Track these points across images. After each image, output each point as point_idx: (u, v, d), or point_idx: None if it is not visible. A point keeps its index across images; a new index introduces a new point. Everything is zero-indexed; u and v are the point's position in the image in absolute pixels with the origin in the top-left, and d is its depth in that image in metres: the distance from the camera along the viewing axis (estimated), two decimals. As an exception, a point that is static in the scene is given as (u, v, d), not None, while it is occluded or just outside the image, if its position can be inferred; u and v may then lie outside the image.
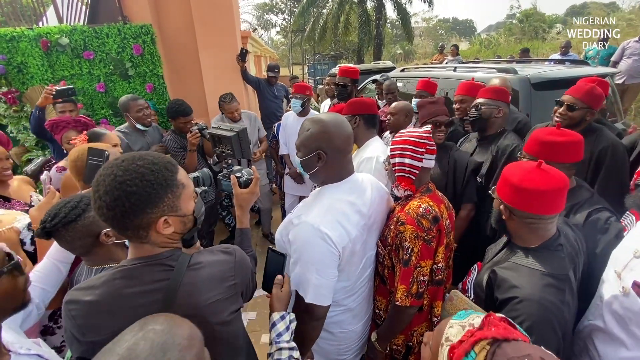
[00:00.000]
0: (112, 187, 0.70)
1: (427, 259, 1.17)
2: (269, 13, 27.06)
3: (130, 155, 0.76)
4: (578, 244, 1.13)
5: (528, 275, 0.99)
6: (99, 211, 0.72)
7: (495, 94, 2.02)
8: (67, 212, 1.03)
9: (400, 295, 1.15)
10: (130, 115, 2.59)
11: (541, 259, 1.02)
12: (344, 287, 1.20)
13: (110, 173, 0.72)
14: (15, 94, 3.14)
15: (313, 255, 1.06)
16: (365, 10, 15.26)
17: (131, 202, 0.71)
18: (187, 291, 0.79)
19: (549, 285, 0.95)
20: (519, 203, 1.03)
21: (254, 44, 6.78)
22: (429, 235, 1.16)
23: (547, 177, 1.00)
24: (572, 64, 3.50)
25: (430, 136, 1.26)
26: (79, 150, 1.44)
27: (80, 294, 0.76)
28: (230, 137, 1.30)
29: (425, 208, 1.18)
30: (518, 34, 18.56)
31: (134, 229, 0.75)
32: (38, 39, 3.05)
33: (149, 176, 0.73)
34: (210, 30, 3.51)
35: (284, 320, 0.99)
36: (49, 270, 1.13)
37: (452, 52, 8.24)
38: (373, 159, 1.85)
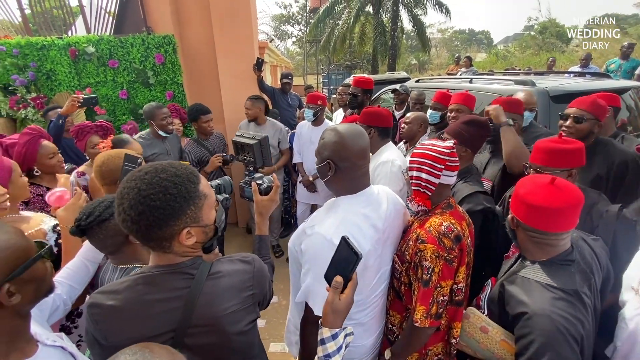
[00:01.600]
0: (137, 201, 0.71)
1: (448, 279, 1.14)
2: (285, 24, 27.62)
3: (153, 167, 0.76)
4: (596, 261, 1.09)
5: (536, 290, 0.97)
6: (124, 224, 0.74)
7: (507, 106, 1.93)
8: (101, 211, 1.08)
9: (420, 317, 1.12)
10: (154, 122, 2.69)
11: (550, 273, 0.99)
12: (355, 302, 1.16)
13: (134, 186, 0.73)
14: (44, 100, 3.29)
15: (324, 267, 1.05)
16: (380, 22, 15.38)
17: (155, 216, 0.72)
18: (206, 300, 0.79)
19: (558, 299, 0.92)
20: (524, 217, 1.02)
21: (270, 54, 6.93)
22: (450, 255, 1.12)
23: (557, 194, 0.97)
24: (593, 76, 3.43)
25: (453, 152, 1.21)
26: (104, 156, 1.49)
27: (103, 298, 0.77)
28: (252, 144, 1.33)
29: (447, 226, 1.14)
30: (535, 47, 18.34)
31: (157, 240, 0.76)
32: (67, 47, 3.21)
33: (172, 190, 0.74)
34: (229, 41, 3.61)
35: (336, 340, 0.80)
36: (78, 268, 1.16)
37: (465, 63, 8.20)
38: (388, 162, 1.87)
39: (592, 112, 1.68)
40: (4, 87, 3.25)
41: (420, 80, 4.34)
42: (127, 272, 1.06)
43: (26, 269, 0.73)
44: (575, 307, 0.92)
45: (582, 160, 1.35)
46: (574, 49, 16.28)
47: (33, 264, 0.74)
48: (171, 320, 0.77)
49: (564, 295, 0.93)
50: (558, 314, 0.90)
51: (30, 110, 3.28)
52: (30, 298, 0.76)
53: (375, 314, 1.26)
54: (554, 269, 0.99)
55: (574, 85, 2.65)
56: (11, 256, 0.70)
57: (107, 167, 1.45)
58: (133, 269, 1.05)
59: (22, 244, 0.74)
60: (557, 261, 1.01)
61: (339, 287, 0.81)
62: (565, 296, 0.93)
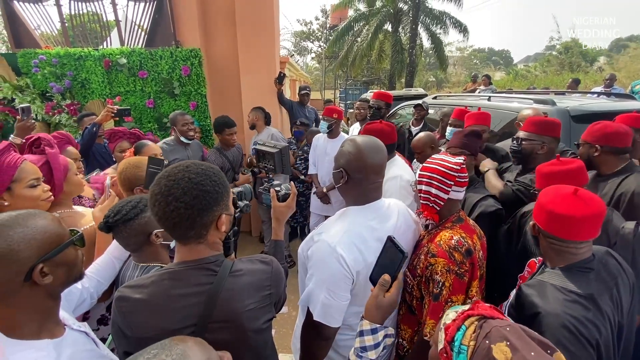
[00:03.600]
0: (190, 187, 0.79)
1: (459, 293, 1.13)
2: (305, 40, 28.38)
3: (188, 162, 0.85)
4: (623, 275, 1.05)
5: (550, 292, 0.98)
6: (175, 212, 0.78)
7: (539, 128, 1.83)
8: (128, 210, 1.14)
9: (430, 330, 1.12)
10: (176, 128, 2.82)
11: (566, 277, 1.00)
12: (357, 313, 1.16)
13: (183, 176, 0.80)
14: (77, 106, 3.50)
15: (326, 274, 1.06)
16: (399, 39, 15.61)
17: (207, 199, 0.80)
18: (227, 296, 0.83)
19: (572, 302, 0.93)
20: (546, 225, 1.03)
21: (290, 69, 7.13)
22: (461, 269, 1.12)
23: (579, 203, 0.98)
24: (617, 97, 3.37)
25: (463, 167, 1.22)
26: (124, 164, 1.57)
27: (130, 292, 0.82)
28: (273, 153, 1.39)
29: (457, 240, 1.15)
30: (557, 66, 18.09)
31: (200, 227, 0.82)
32: (102, 58, 3.42)
33: (214, 177, 0.84)
34: (252, 56, 3.76)
35: (375, 335, 0.82)
36: (106, 264, 1.23)
37: (483, 82, 8.18)
38: (397, 178, 1.91)
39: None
40: (42, 93, 3.48)
41: (438, 97, 4.36)
42: (146, 271, 1.11)
43: (59, 252, 0.78)
44: (589, 310, 0.91)
45: (584, 179, 1.36)
46: (598, 69, 15.96)
47: (65, 249, 0.80)
48: (193, 315, 0.80)
49: (578, 298, 0.93)
50: (570, 314, 0.90)
51: (64, 116, 3.49)
52: (62, 281, 0.81)
53: None
54: (571, 274, 1.00)
55: (595, 105, 2.61)
56: (47, 239, 0.76)
57: (125, 176, 1.53)
58: (152, 268, 1.10)
59: (57, 230, 0.79)
60: (575, 267, 1.01)
61: (385, 285, 0.84)
62: (579, 299, 0.93)
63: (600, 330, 0.91)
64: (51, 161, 1.42)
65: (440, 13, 15.30)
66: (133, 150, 2.11)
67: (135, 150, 2.09)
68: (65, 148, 1.92)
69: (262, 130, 3.54)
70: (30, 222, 0.75)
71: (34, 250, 0.73)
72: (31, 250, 0.73)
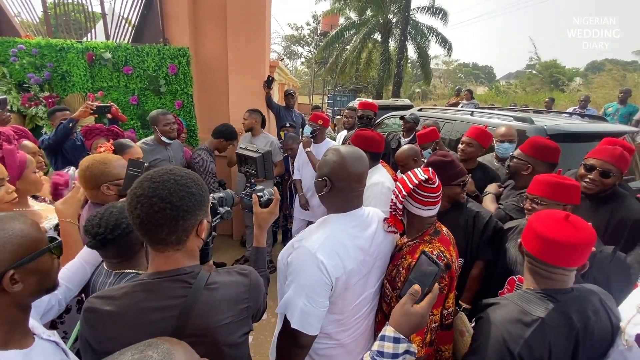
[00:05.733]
0: (176, 189, 0.78)
1: (439, 306, 1.18)
2: (296, 45, 28.46)
3: (171, 166, 0.84)
4: (601, 323, 0.99)
5: (504, 306, 1.01)
6: (160, 213, 0.75)
7: (531, 149, 1.87)
8: (128, 223, 1.07)
9: (417, 347, 1.13)
10: (157, 128, 2.75)
11: (527, 298, 1.00)
12: (336, 320, 1.17)
13: (168, 179, 0.78)
14: (56, 99, 3.37)
15: (306, 280, 1.06)
16: (387, 49, 15.89)
17: (192, 202, 0.79)
18: (202, 310, 0.80)
19: (514, 320, 0.95)
20: (531, 246, 1.02)
21: (280, 73, 7.12)
22: (441, 284, 1.16)
23: (568, 229, 0.96)
24: (591, 119, 3.55)
25: (427, 187, 1.21)
26: (89, 161, 1.48)
27: (100, 303, 0.78)
28: (255, 157, 1.37)
29: (437, 255, 1.18)
30: (537, 84, 18.86)
31: (182, 231, 0.80)
32: (85, 51, 3.31)
33: (198, 181, 0.84)
34: (242, 57, 3.74)
35: (397, 345, 0.77)
36: (76, 270, 1.17)
37: (465, 96, 8.43)
38: (379, 184, 1.94)
39: (620, 168, 1.66)
40: (19, 84, 3.33)
41: (423, 109, 4.46)
42: (121, 278, 1.06)
43: (32, 259, 0.74)
44: (526, 329, 0.92)
45: (577, 198, 1.40)
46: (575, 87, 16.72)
47: (40, 256, 0.76)
48: (166, 329, 0.77)
49: (523, 318, 0.94)
50: (505, 328, 0.93)
51: (42, 108, 3.35)
52: (32, 290, 0.77)
53: (358, 335, 1.25)
54: (534, 297, 0.99)
55: (571, 125, 2.74)
56: (23, 245, 0.72)
57: (91, 172, 1.44)
58: (128, 275, 1.06)
59: (35, 235, 0.76)
60: (545, 293, 1.00)
61: (415, 294, 0.81)
62: (524, 318, 0.94)
63: (533, 353, 0.91)
64: (6, 157, 1.35)
65: (427, 28, 15.71)
66: (112, 148, 2.03)
67: (117, 149, 2.00)
68: (21, 142, 1.83)
69: (259, 134, 3.45)
70: (7, 225, 0.72)
71: (7, 255, 0.70)
72: (4, 254, 0.69)
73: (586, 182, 1.70)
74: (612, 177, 1.65)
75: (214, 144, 3.15)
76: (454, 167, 1.71)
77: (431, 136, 2.73)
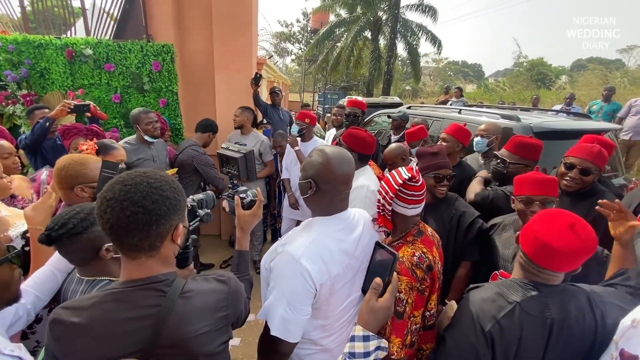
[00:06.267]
0: (149, 191, 0.74)
1: (420, 308, 1.16)
2: (286, 42, 28.26)
3: (144, 169, 0.80)
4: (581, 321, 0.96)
5: (485, 288, 1.06)
6: (131, 218, 0.71)
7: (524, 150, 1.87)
8: (75, 223, 1.02)
9: (397, 349, 1.12)
10: (139, 127, 2.68)
11: (509, 285, 1.02)
12: (321, 326, 1.15)
13: (141, 181, 0.75)
14: (34, 97, 3.25)
15: (287, 287, 1.02)
16: (377, 47, 15.89)
17: (166, 205, 0.76)
18: (177, 320, 0.77)
19: (490, 300, 0.99)
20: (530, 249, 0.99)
21: (268, 71, 7.05)
22: (422, 285, 1.15)
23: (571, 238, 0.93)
24: (575, 116, 3.59)
25: (411, 185, 1.20)
26: (66, 160, 1.42)
27: (66, 314, 0.74)
28: (237, 158, 1.32)
29: (419, 257, 1.17)
30: (523, 82, 19.14)
31: (155, 237, 0.76)
32: (64, 48, 3.20)
33: (173, 184, 0.80)
34: (228, 54, 3.67)
35: (366, 343, 0.77)
36: (46, 278, 1.11)
37: (455, 94, 8.48)
38: (364, 187, 1.90)
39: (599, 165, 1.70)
40: (-5, 81, 3.21)
41: (412, 107, 4.46)
42: (93, 285, 1.01)
43: None
44: (500, 310, 0.95)
45: (555, 191, 1.45)
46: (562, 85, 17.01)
47: None
48: (138, 341, 0.74)
49: (497, 299, 0.99)
50: (479, 306, 0.98)
51: (19, 107, 3.23)
52: None
53: (342, 340, 1.22)
54: (516, 285, 1.00)
55: (556, 123, 2.76)
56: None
57: (67, 172, 1.39)
58: (100, 282, 1.01)
59: None
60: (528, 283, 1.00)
61: (377, 288, 0.81)
62: (499, 300, 0.98)
63: (503, 333, 0.93)
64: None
65: (417, 26, 15.77)
66: (95, 148, 1.95)
67: (100, 150, 1.92)
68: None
69: (249, 133, 3.43)
70: None
71: None
72: None
73: (566, 180, 1.74)
74: (592, 175, 1.69)
75: (203, 138, 3.07)
76: (431, 158, 1.72)
77: (419, 134, 2.73)
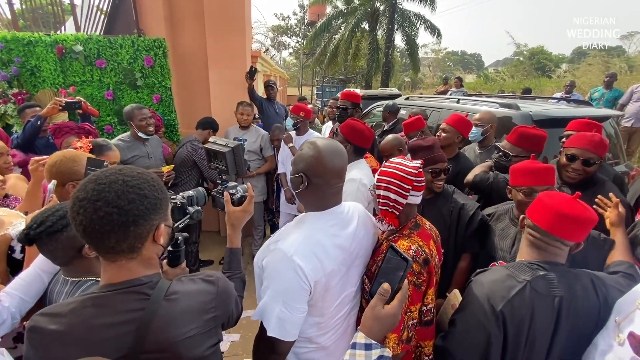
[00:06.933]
0: (125, 190, 0.69)
1: (417, 303, 1.13)
2: (283, 35, 27.98)
3: (121, 166, 0.76)
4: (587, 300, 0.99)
5: (493, 270, 1.08)
6: (105, 219, 0.68)
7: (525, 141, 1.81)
8: (54, 221, 1.00)
9: (393, 345, 1.09)
10: (133, 123, 2.64)
11: (517, 266, 1.04)
12: (316, 323, 1.12)
13: (116, 179, 0.70)
14: (26, 96, 3.20)
15: (282, 286, 0.99)
16: (375, 39, 15.72)
17: (144, 205, 0.71)
18: (161, 324, 0.74)
19: (500, 281, 1.00)
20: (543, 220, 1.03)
21: (263, 64, 6.96)
22: (419, 280, 1.11)
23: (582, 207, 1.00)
24: (576, 103, 3.54)
25: (420, 172, 1.20)
26: (59, 157, 1.41)
27: (44, 321, 0.71)
28: (224, 152, 1.28)
29: (415, 250, 1.13)
30: (524, 71, 18.95)
31: (134, 238, 0.72)
32: (54, 45, 3.14)
33: (152, 182, 0.75)
34: (221, 48, 3.61)
35: (368, 352, 0.72)
36: (31, 279, 1.08)
37: (455, 84, 8.39)
38: (356, 181, 1.84)
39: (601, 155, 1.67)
40: (-16, 81, 3.15)
41: (410, 97, 4.41)
42: (78, 286, 0.98)
43: None
44: (510, 289, 0.97)
45: (552, 180, 1.42)
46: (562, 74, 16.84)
47: None
48: (121, 347, 0.71)
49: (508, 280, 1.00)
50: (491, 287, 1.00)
51: (11, 106, 3.18)
52: None
53: (338, 337, 1.20)
54: (524, 266, 1.03)
55: (556, 110, 2.72)
56: None
57: (58, 169, 1.38)
58: (86, 282, 0.98)
59: None
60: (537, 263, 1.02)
61: (385, 294, 0.75)
62: (509, 281, 0.99)
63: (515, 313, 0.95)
64: None
65: (415, 16, 15.57)
66: (89, 147, 1.90)
67: (94, 150, 1.87)
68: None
69: (250, 128, 3.42)
70: None
71: None
72: None
73: (569, 171, 1.70)
74: (594, 165, 1.66)
75: (204, 135, 3.11)
76: (427, 152, 1.67)
77: (417, 125, 2.68)
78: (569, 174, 1.70)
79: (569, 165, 1.69)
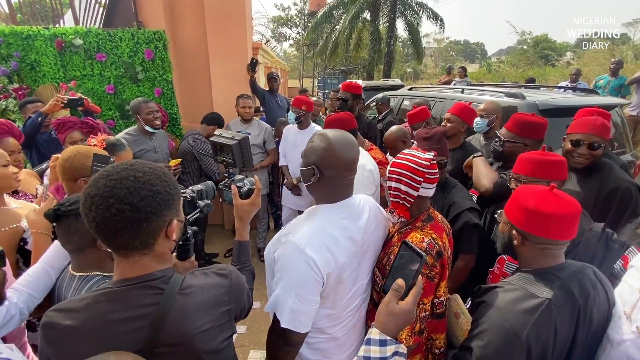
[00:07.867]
0: (137, 187, 0.68)
1: (430, 295, 1.12)
2: (283, 26, 27.66)
3: (132, 160, 0.75)
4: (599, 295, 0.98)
5: (507, 290, 0.97)
6: (118, 216, 0.67)
7: (521, 128, 1.76)
8: None
9: (405, 337, 1.09)
10: (140, 117, 2.63)
11: (529, 279, 0.97)
12: (328, 315, 1.12)
13: (127, 175, 0.69)
14: (26, 91, 3.19)
15: (294, 278, 1.00)
16: (377, 29, 15.50)
17: (157, 201, 0.70)
18: (176, 318, 0.74)
19: (521, 303, 0.91)
20: (523, 222, 0.98)
21: (264, 55, 6.89)
22: (432, 272, 1.11)
23: (558, 201, 0.95)
24: (582, 92, 3.48)
25: (433, 164, 1.18)
26: (72, 152, 1.41)
27: (59, 317, 0.70)
28: (231, 145, 1.27)
29: (428, 243, 1.12)
30: (527, 60, 18.70)
31: (146, 235, 0.71)
32: (53, 38, 3.11)
33: (164, 177, 0.74)
34: (222, 40, 3.57)
35: (385, 348, 0.71)
36: (39, 275, 1.08)
37: (459, 73, 8.29)
38: (360, 167, 1.81)
39: (605, 138, 1.64)
40: (-15, 76, 3.14)
41: (414, 88, 4.36)
42: (87, 281, 0.98)
43: None
44: (534, 312, 0.89)
45: (563, 174, 1.36)
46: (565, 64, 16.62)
47: None
48: (136, 341, 0.70)
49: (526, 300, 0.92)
50: (511, 311, 0.90)
51: (12, 101, 3.17)
52: None
53: (349, 328, 1.20)
54: (535, 278, 0.97)
55: (562, 100, 2.68)
56: None
57: (71, 164, 1.38)
58: (93, 278, 0.98)
59: None
60: (545, 272, 0.97)
61: (399, 290, 0.74)
62: (528, 300, 0.91)
63: (540, 336, 0.88)
64: None
65: (418, 4, 15.31)
66: (103, 145, 1.87)
67: (107, 149, 1.84)
68: (3, 139, 1.72)
69: (252, 122, 3.40)
70: None
71: None
72: None
73: (576, 156, 1.68)
74: (600, 148, 1.65)
75: (208, 130, 3.08)
76: (429, 144, 1.65)
77: (421, 115, 2.65)
78: (576, 160, 1.68)
79: (574, 151, 1.68)
